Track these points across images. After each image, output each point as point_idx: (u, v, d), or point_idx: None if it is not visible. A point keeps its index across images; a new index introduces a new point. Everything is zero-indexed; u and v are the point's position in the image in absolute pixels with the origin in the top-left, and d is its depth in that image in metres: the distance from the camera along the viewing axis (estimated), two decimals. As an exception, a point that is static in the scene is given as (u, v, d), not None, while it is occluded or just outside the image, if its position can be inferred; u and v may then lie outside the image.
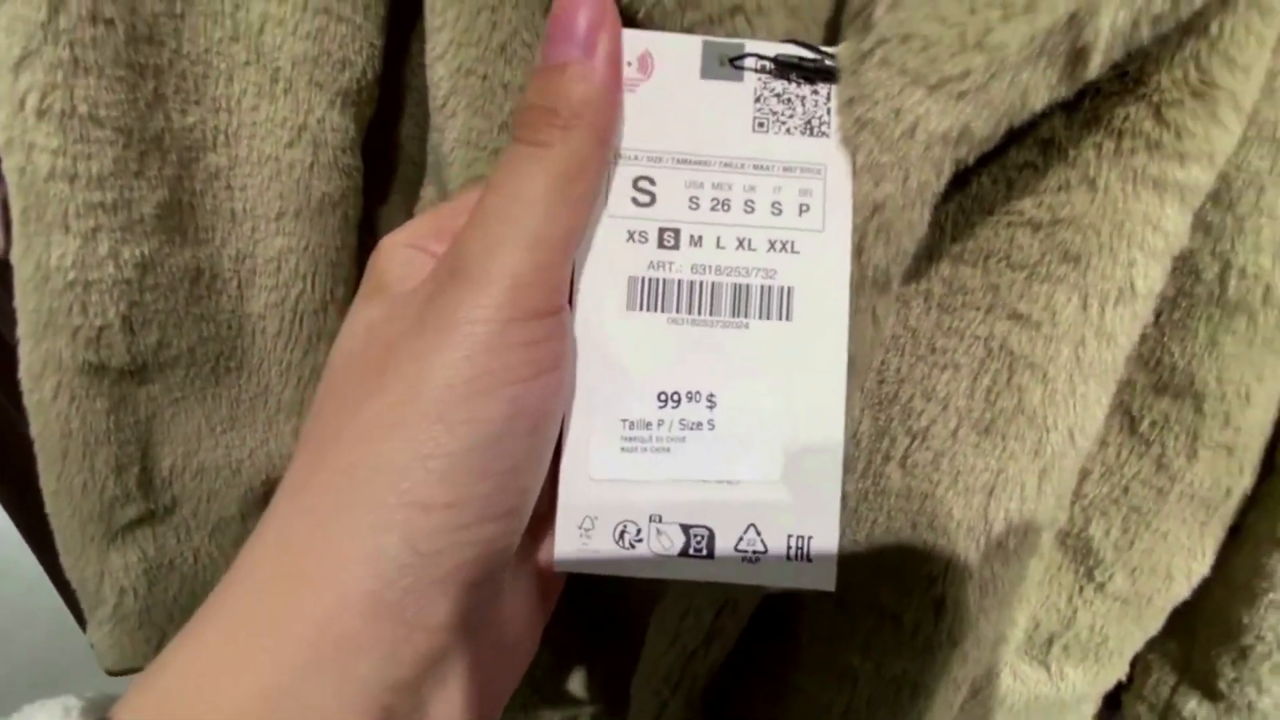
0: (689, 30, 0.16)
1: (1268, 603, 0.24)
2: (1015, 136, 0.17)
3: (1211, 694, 0.28)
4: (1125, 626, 0.26)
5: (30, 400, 0.24)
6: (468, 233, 0.14)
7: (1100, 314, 0.16)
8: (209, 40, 0.22)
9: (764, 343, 0.15)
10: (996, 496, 0.19)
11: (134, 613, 0.29)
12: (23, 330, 0.23)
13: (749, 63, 0.15)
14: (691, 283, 0.15)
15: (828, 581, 0.16)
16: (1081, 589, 0.26)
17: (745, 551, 0.15)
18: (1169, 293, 0.20)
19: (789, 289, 0.15)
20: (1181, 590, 0.25)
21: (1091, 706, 0.32)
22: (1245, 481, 0.22)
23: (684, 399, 0.15)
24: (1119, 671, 0.29)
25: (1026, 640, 0.28)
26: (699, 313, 0.15)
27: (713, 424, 0.15)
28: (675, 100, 0.15)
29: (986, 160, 0.17)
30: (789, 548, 0.15)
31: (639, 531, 0.15)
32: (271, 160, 0.24)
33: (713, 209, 0.15)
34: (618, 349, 0.15)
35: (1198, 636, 0.27)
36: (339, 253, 0.27)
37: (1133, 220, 0.16)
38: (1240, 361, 0.20)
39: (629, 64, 0.15)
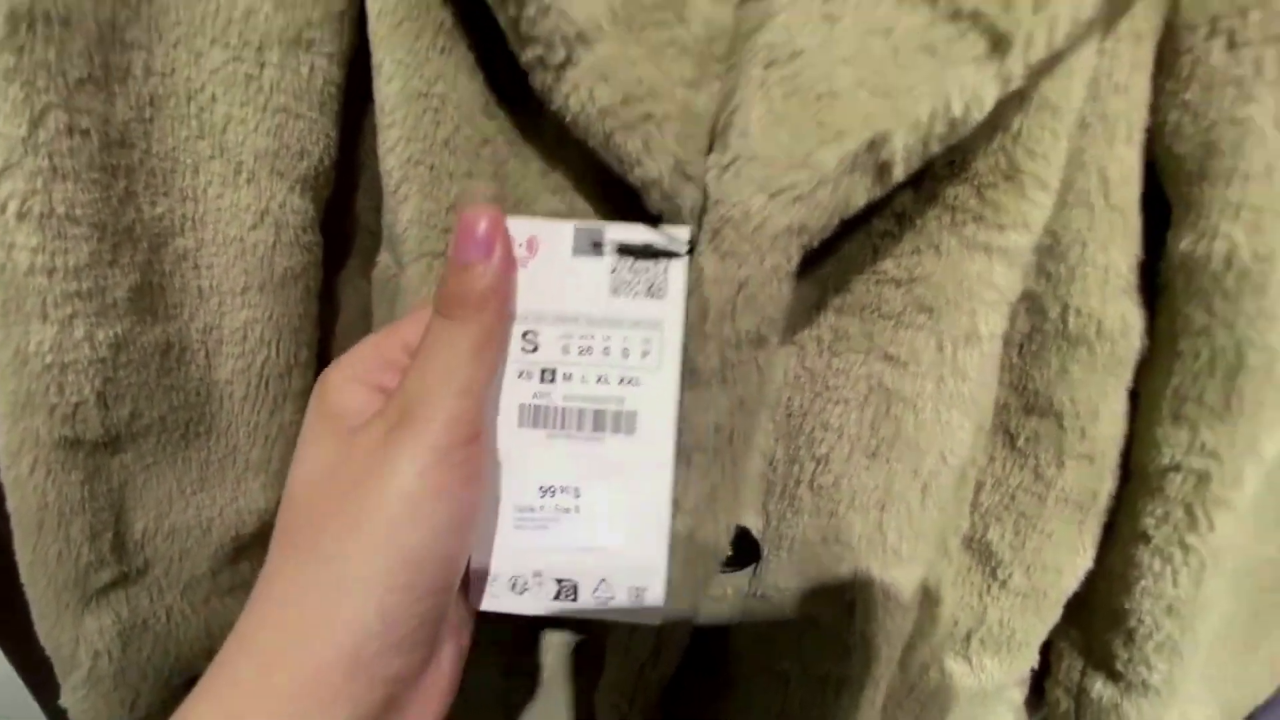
0: (608, 134, 0.19)
1: (1141, 589, 0.27)
2: (876, 209, 0.20)
3: (1113, 675, 0.31)
4: (1028, 619, 0.29)
5: (8, 477, 0.25)
6: (410, 384, 0.19)
7: (953, 355, 0.20)
8: (176, 139, 0.24)
9: (614, 451, 0.21)
10: (887, 510, 0.22)
11: (109, 675, 0.30)
12: (1, 411, 0.24)
13: (607, 244, 0.20)
14: (563, 408, 0.21)
15: (655, 618, 0.21)
16: (989, 587, 0.29)
17: (599, 597, 0.21)
18: (1025, 329, 0.24)
19: (633, 412, 0.21)
20: (1070, 583, 0.28)
21: (1016, 693, 0.35)
22: (1108, 485, 0.26)
23: (558, 491, 0.21)
24: (1030, 660, 0.32)
25: (949, 637, 0.31)
26: (569, 429, 0.21)
27: (578, 508, 0.21)
28: (553, 273, 0.21)
29: (854, 229, 0.20)
30: (629, 595, 0.21)
31: (526, 584, 0.21)
32: (236, 241, 0.26)
33: (579, 354, 0.21)
34: (513, 456, 0.21)
35: (1094, 624, 0.31)
36: (301, 320, 0.29)
37: (969, 278, 0.19)
38: (1086, 384, 0.23)
39: (519, 245, 0.20)
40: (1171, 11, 0.19)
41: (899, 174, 0.17)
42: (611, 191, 0.23)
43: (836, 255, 0.21)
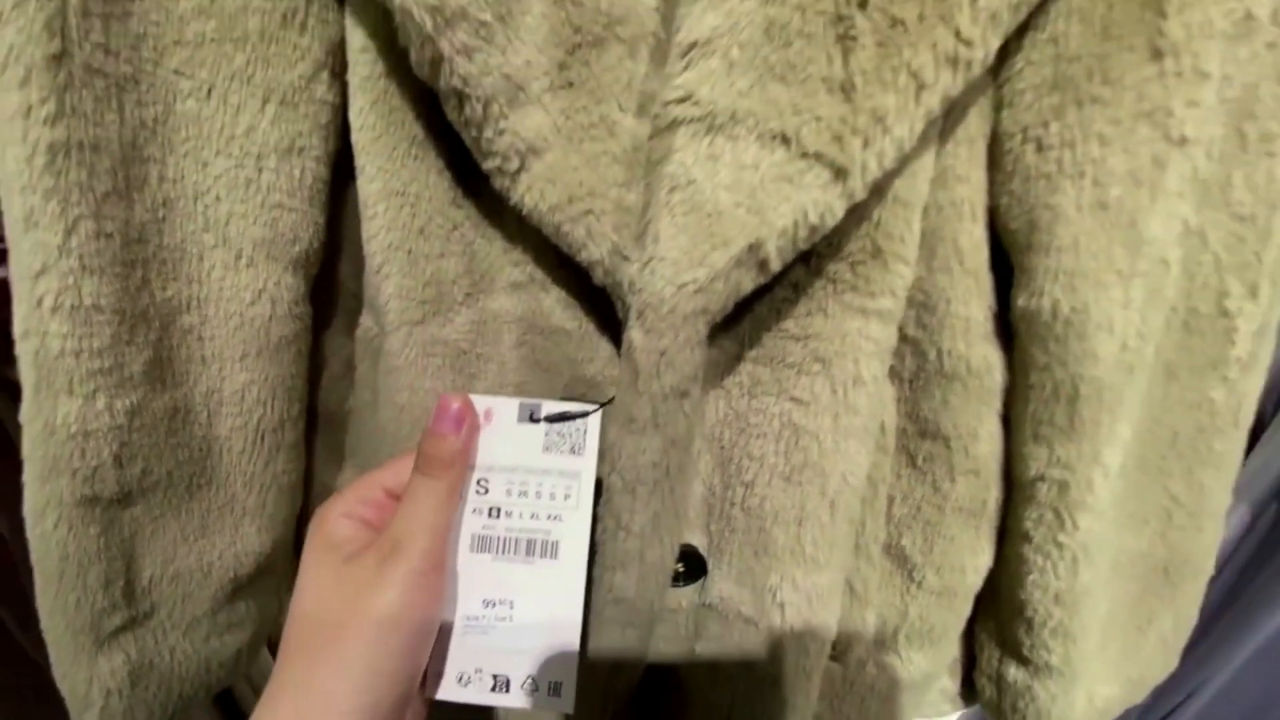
0: (557, 225, 0.24)
1: (1031, 582, 0.32)
2: (777, 281, 0.25)
3: (1021, 660, 0.36)
4: (943, 614, 0.34)
5: (33, 534, 0.28)
6: (397, 525, 0.25)
7: (844, 395, 0.24)
8: (184, 233, 0.28)
9: (542, 572, 0.27)
10: (804, 525, 0.26)
11: (119, 712, 0.32)
12: (28, 475, 0.27)
13: (542, 415, 0.26)
14: (505, 538, 0.27)
15: (568, 707, 0.26)
16: (908, 588, 0.34)
17: (526, 689, 0.26)
18: (913, 369, 0.29)
19: (557, 542, 0.27)
20: (975, 580, 0.33)
21: (948, 682, 0.40)
22: (995, 494, 0.31)
23: (497, 603, 0.27)
24: (951, 651, 0.36)
25: (879, 635, 0.36)
26: (509, 555, 0.27)
27: (512, 617, 0.27)
28: (502, 435, 0.27)
29: (762, 296, 0.25)
30: (549, 688, 0.26)
31: (469, 678, 0.26)
32: (236, 316, 0.30)
33: (519, 496, 0.27)
34: (465, 575, 0.27)
35: (1002, 615, 0.35)
36: (293, 379, 0.33)
37: (851, 334, 0.24)
38: (964, 412, 0.28)
39: (480, 414, 0.27)
40: (995, 122, 0.24)
41: (775, 267, 0.21)
42: (564, 263, 0.27)
43: (751, 316, 0.25)
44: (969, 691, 0.42)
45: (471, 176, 0.27)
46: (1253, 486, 0.53)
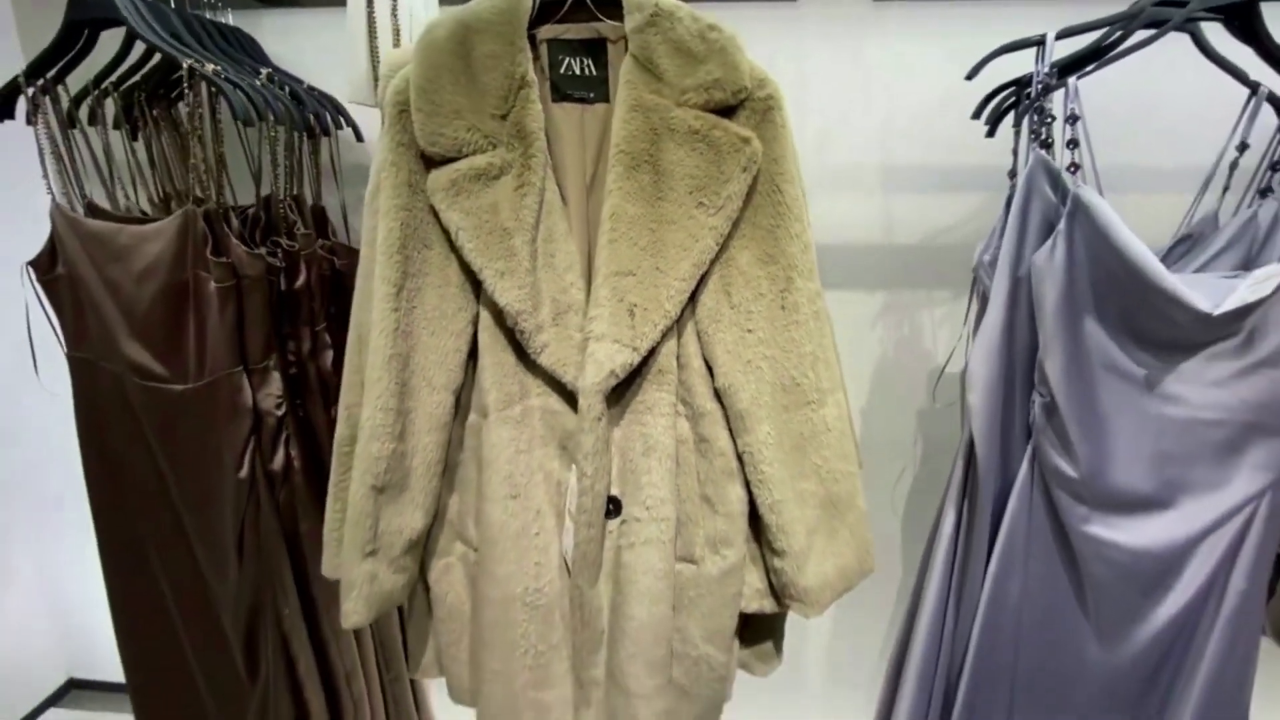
0: (553, 369, 0.71)
1: (759, 503, 0.75)
2: (627, 381, 0.72)
3: (774, 551, 0.77)
4: (730, 527, 0.76)
5: (351, 499, 0.71)
6: None
7: (660, 421, 0.70)
8: (415, 378, 0.75)
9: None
10: (651, 475, 0.71)
11: (365, 594, 0.73)
12: (355, 471, 0.71)
13: None
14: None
15: None
16: (713, 516, 0.76)
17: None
18: (689, 412, 0.75)
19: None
20: (740, 507, 0.76)
21: (753, 578, 0.79)
22: (735, 464, 0.75)
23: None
24: (742, 549, 0.77)
25: (706, 542, 0.77)
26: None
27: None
28: None
29: (625, 385, 0.72)
30: None
31: None
32: (428, 414, 0.75)
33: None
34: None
35: (761, 531, 0.77)
36: (445, 445, 0.77)
37: (659, 399, 0.70)
38: (713, 429, 0.74)
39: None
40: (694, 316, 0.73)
41: (621, 375, 0.69)
42: (555, 383, 0.73)
43: (622, 391, 0.72)
44: (774, 597, 0.81)
45: (521, 351, 0.74)
46: (953, 496, 0.95)
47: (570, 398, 0.73)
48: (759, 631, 0.86)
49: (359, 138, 1.07)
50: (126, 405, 0.91)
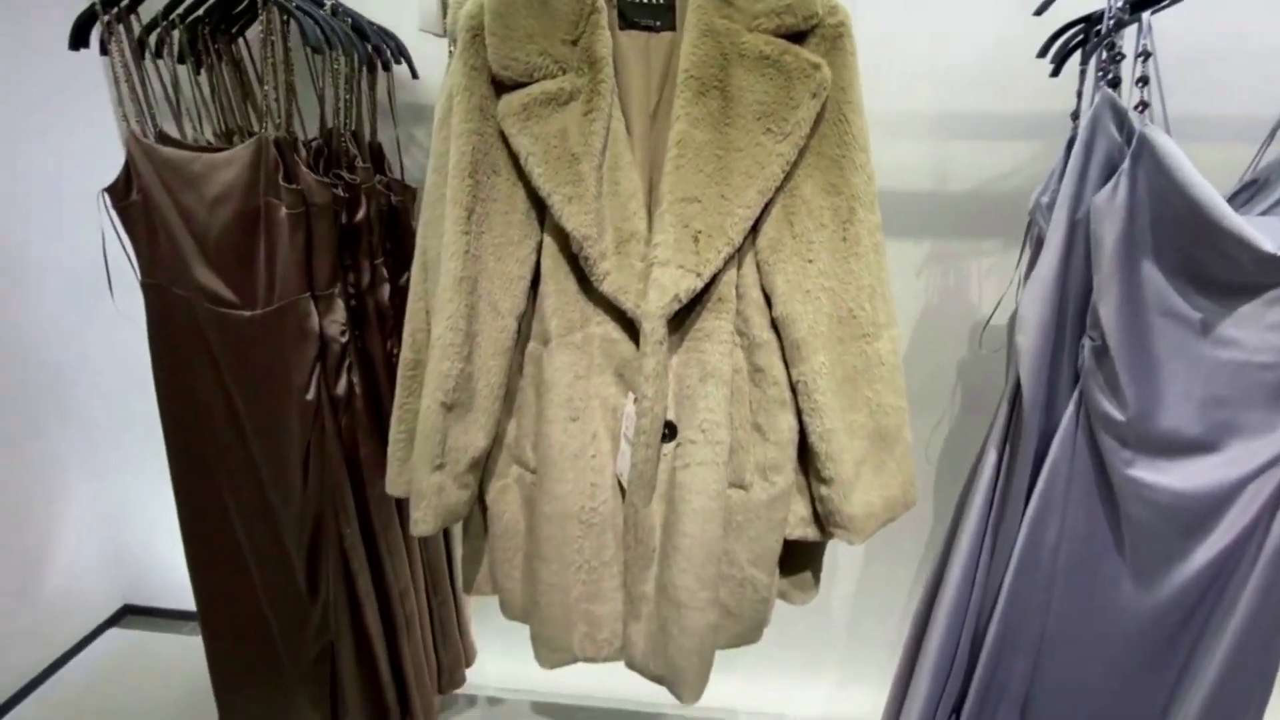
0: (615, 296, 0.73)
1: (809, 430, 0.77)
2: (689, 306, 0.74)
3: (821, 479, 0.79)
4: (780, 454, 0.78)
5: (421, 414, 0.75)
6: None
7: (717, 349, 0.72)
8: (482, 301, 0.77)
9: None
10: (708, 399, 0.73)
11: (433, 504, 0.77)
12: (425, 389, 0.75)
13: None
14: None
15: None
16: (764, 443, 0.79)
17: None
18: (745, 342, 0.77)
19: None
20: (790, 435, 0.78)
21: (799, 507, 0.82)
22: (788, 394, 0.77)
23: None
24: (791, 477, 0.79)
25: (755, 469, 0.79)
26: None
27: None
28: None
29: (685, 311, 0.74)
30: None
31: None
32: (493, 339, 0.78)
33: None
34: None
35: (809, 459, 0.80)
36: (507, 369, 0.80)
37: (717, 327, 0.72)
38: (768, 358, 0.76)
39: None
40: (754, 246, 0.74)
41: (685, 299, 0.70)
42: (614, 310, 0.75)
43: (683, 317, 0.74)
44: (818, 525, 0.84)
45: (585, 278, 0.76)
46: (994, 438, 0.96)
47: (628, 326, 0.75)
48: (799, 561, 0.89)
49: (414, 74, 1.08)
50: (198, 331, 0.95)
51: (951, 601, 0.99)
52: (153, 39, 0.95)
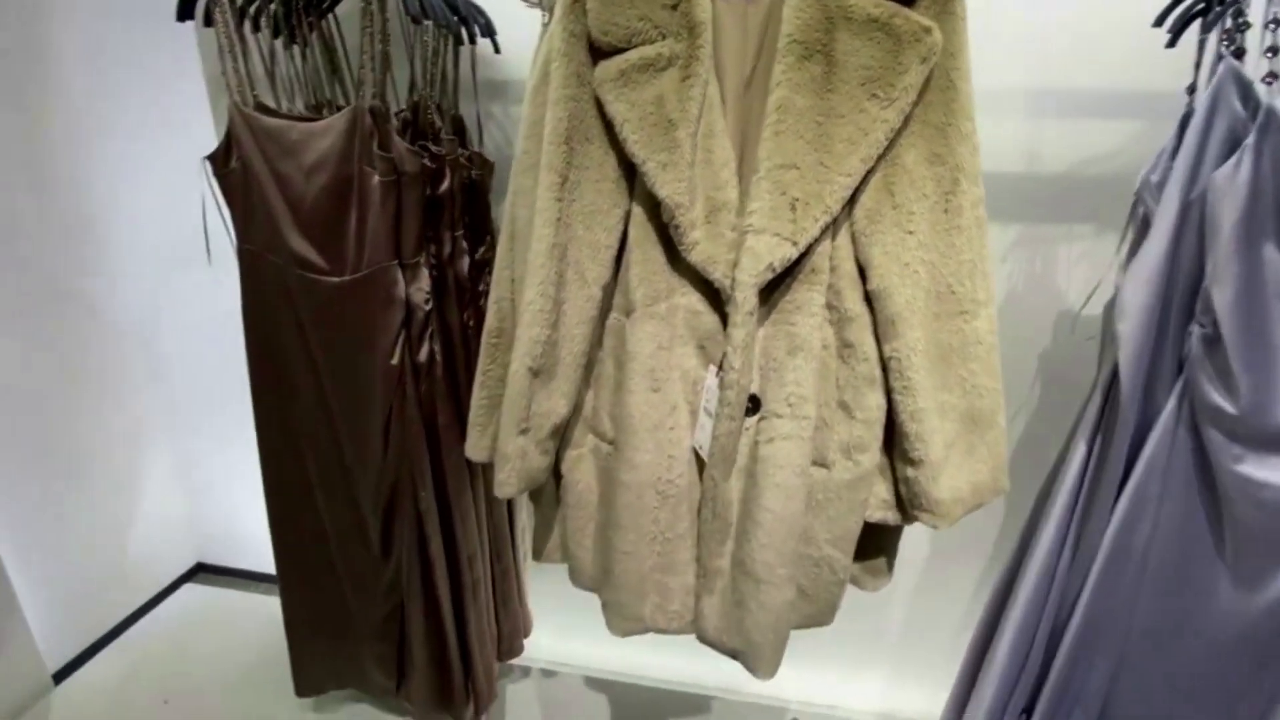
0: (704, 266, 0.73)
1: (899, 409, 0.75)
2: (781, 276, 0.73)
3: (907, 460, 0.77)
4: (867, 433, 0.76)
5: (509, 379, 0.76)
6: None
7: (808, 322, 0.71)
8: (570, 270, 0.78)
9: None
10: (798, 373, 0.72)
11: (517, 468, 0.78)
12: (514, 354, 0.76)
13: None
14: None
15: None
16: (850, 422, 0.77)
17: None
18: (835, 317, 0.75)
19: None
20: (878, 414, 0.76)
21: (880, 489, 0.80)
22: (878, 371, 0.75)
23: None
24: (876, 457, 0.78)
25: (840, 448, 0.78)
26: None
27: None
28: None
29: (777, 282, 0.73)
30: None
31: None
32: (579, 308, 0.78)
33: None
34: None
35: (897, 441, 0.78)
36: (590, 338, 0.80)
37: (809, 300, 0.71)
38: (858, 334, 0.74)
39: None
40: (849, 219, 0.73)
41: (778, 269, 0.68)
42: (700, 281, 0.75)
43: (774, 289, 0.73)
44: (899, 509, 0.82)
45: (672, 248, 0.76)
46: (1084, 430, 0.93)
47: (713, 298, 0.74)
48: (875, 545, 0.87)
49: (496, 49, 1.09)
50: (287, 296, 0.99)
51: (1028, 597, 0.95)
52: (252, 10, 0.99)
